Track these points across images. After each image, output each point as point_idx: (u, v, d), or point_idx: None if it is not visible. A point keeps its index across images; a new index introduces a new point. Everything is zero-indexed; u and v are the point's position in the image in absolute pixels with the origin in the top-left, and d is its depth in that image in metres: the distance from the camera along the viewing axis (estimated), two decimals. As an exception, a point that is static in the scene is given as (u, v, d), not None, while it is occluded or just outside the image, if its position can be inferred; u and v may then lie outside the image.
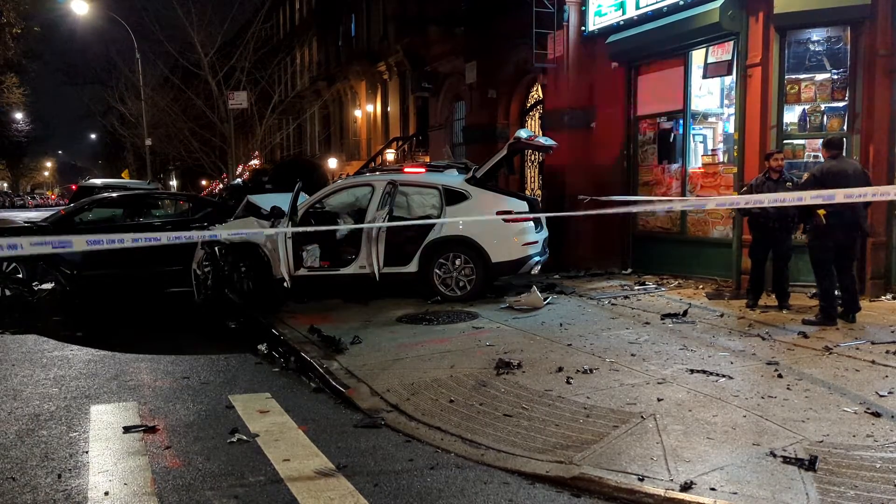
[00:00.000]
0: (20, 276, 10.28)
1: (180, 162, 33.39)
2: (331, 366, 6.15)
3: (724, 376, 5.44)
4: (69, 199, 21.32)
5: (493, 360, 6.01)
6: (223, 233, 9.12)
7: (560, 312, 8.13)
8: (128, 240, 4.86)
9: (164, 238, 5.66)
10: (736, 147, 9.39)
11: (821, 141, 8.05)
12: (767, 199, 6.28)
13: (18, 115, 50.16)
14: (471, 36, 14.81)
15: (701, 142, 10.49)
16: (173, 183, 43.07)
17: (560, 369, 5.75)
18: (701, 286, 9.58)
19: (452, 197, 9.12)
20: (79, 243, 4.84)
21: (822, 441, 4.15)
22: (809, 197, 5.92)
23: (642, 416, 4.62)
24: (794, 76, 8.86)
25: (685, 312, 7.82)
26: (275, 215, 9.12)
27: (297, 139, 38.40)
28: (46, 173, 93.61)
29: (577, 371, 5.68)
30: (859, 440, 4.16)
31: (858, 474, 3.71)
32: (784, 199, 6.03)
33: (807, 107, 8.84)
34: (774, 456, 3.95)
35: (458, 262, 8.96)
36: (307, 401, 5.57)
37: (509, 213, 8.95)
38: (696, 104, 10.32)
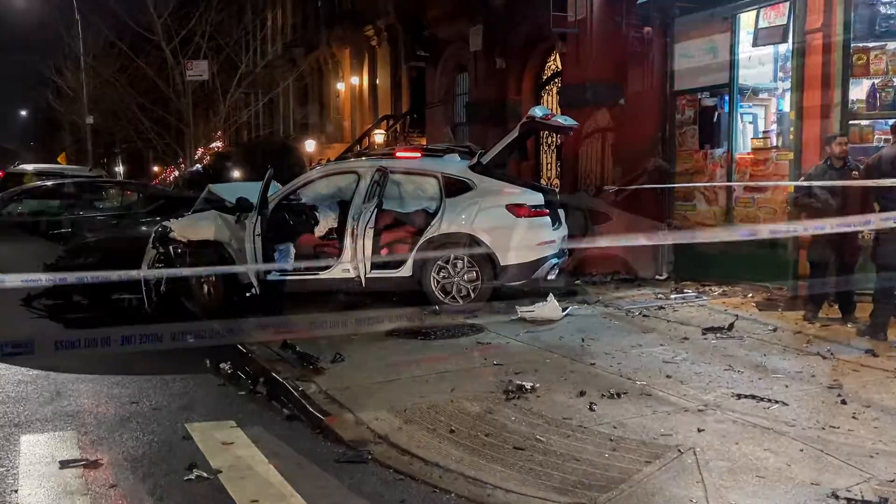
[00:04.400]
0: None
1: (128, 144, 33.52)
2: (308, 388, 6.16)
3: (776, 402, 5.46)
4: (-5, 188, 21.33)
5: (502, 383, 6.03)
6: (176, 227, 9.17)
7: (581, 325, 8.15)
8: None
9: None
10: (792, 129, 9.40)
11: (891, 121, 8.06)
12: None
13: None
14: (476, -6, 14.87)
15: (750, 122, 10.51)
16: (119, 169, 43.17)
17: (581, 393, 5.77)
18: (750, 294, 9.59)
19: (454, 187, 9.13)
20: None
21: (893, 480, 4.16)
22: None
23: (679, 450, 4.64)
24: (861, 44, 8.85)
25: (731, 326, 7.83)
26: (241, 208, 9.11)
27: (269, 117, 38.45)
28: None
29: (602, 395, 5.70)
30: (938, 479, 4.18)
31: (937, 520, 3.72)
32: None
33: (877, 81, 8.83)
34: (837, 498, 3.96)
35: (459, 264, 8.97)
36: (279, 430, 5.57)
37: (521, 206, 8.96)
38: (745, 77, 10.32)
